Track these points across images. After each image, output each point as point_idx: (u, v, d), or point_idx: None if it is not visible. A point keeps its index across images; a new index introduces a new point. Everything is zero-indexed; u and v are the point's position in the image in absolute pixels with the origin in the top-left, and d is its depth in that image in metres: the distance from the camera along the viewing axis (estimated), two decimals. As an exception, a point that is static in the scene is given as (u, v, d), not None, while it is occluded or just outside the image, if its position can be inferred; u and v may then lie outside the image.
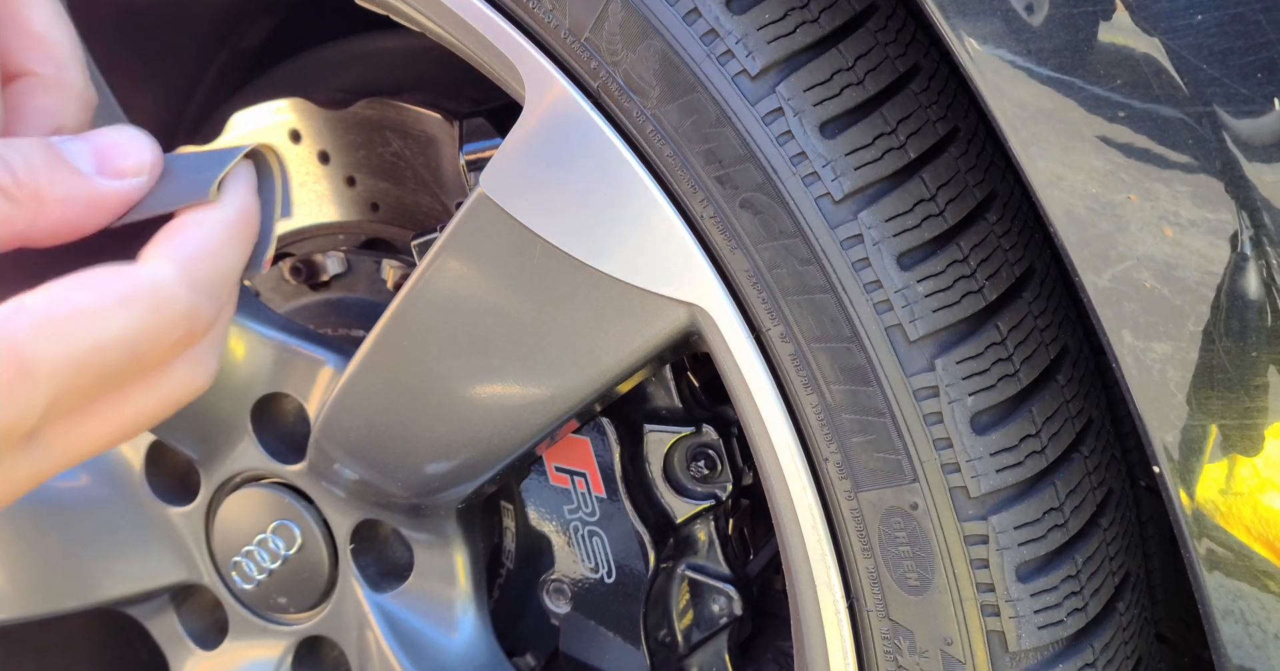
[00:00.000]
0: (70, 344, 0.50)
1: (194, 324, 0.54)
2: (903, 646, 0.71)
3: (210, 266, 0.56)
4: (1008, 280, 0.69)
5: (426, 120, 1.02)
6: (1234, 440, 0.60)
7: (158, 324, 0.52)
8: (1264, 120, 0.55)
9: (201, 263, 0.56)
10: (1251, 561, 0.62)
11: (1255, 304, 0.58)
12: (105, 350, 0.51)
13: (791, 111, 0.65)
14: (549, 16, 0.69)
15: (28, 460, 0.54)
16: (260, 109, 1.07)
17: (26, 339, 0.49)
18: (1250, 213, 0.56)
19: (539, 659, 1.01)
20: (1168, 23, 0.55)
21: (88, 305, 0.51)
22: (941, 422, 0.66)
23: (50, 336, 0.50)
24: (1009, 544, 0.67)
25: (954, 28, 0.59)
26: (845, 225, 0.65)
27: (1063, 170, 0.59)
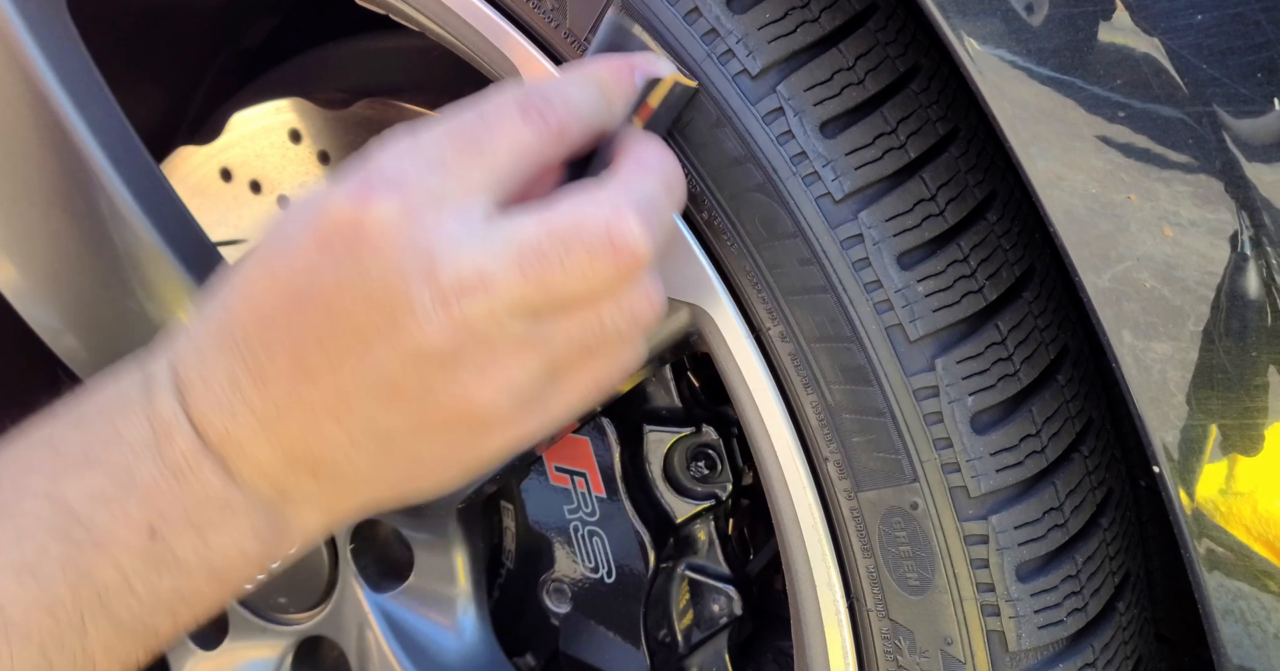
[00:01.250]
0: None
1: (641, 256, 0.56)
2: (903, 646, 0.71)
3: (648, 186, 0.59)
4: (1008, 280, 0.69)
5: (426, 120, 1.02)
6: (1234, 440, 0.60)
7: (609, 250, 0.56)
8: (1264, 120, 0.55)
9: (646, 184, 0.58)
10: (1251, 561, 0.62)
11: (1255, 304, 0.58)
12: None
13: (792, 111, 0.65)
14: (549, 17, 0.69)
15: (540, 409, 0.58)
16: (260, 109, 1.07)
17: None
18: (1250, 213, 0.56)
19: (539, 659, 1.01)
20: (1168, 23, 0.55)
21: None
22: (941, 422, 0.66)
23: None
24: (1009, 544, 0.67)
25: (954, 28, 0.59)
26: (845, 225, 0.65)
27: (1063, 170, 0.59)
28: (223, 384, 0.57)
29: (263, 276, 0.57)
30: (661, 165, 0.60)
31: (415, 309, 0.54)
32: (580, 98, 0.60)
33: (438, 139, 0.57)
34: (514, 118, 0.57)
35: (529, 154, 0.58)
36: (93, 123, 0.82)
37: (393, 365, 0.55)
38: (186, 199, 0.89)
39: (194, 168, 1.09)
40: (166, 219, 0.85)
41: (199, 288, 0.86)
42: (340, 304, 0.55)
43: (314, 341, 0.55)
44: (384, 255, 0.54)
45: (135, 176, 0.84)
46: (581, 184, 0.58)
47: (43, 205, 0.85)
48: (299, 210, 0.57)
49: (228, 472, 0.58)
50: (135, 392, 0.58)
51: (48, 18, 0.82)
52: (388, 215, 0.54)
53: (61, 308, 0.88)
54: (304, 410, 0.56)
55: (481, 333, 0.55)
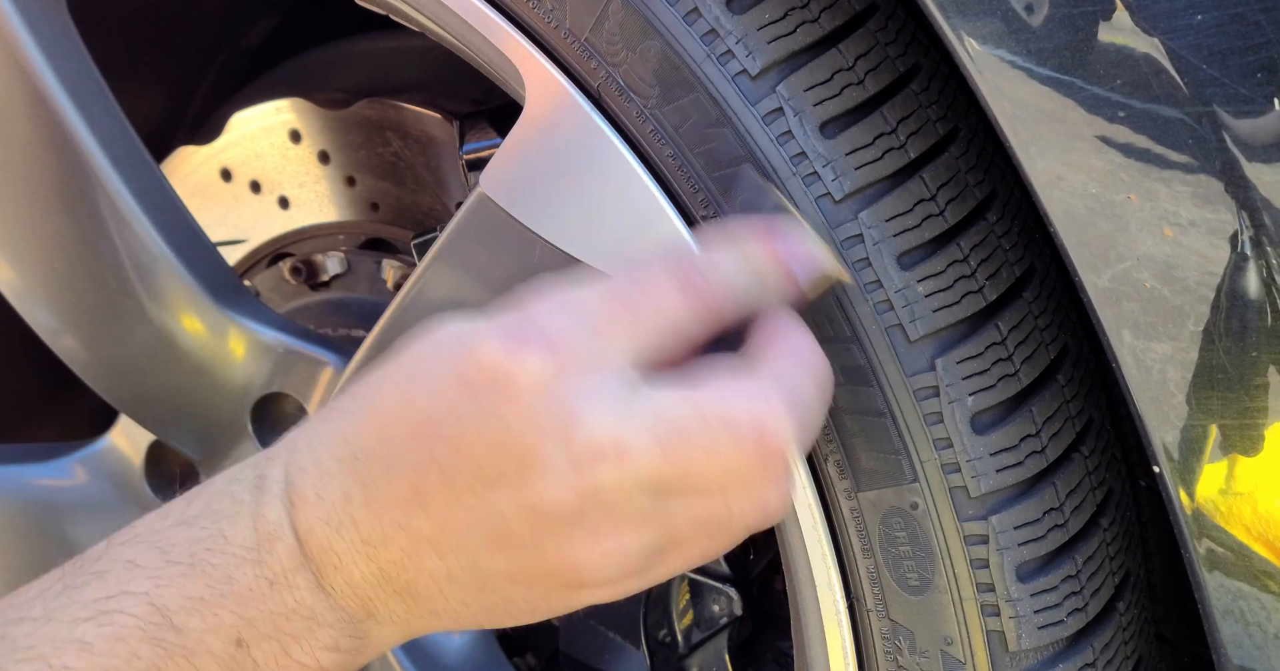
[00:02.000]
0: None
1: (785, 453, 0.57)
2: (903, 646, 0.71)
3: (802, 383, 0.60)
4: (1008, 280, 0.69)
5: (426, 120, 1.02)
6: (1234, 440, 0.60)
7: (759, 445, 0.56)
8: (1264, 120, 0.55)
9: (799, 378, 0.59)
10: (1251, 561, 0.62)
11: (1255, 304, 0.58)
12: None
13: (792, 111, 0.65)
14: (549, 16, 0.69)
15: (642, 577, 0.59)
16: (260, 109, 1.07)
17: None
18: (1250, 213, 0.56)
19: (539, 659, 1.01)
20: (1168, 23, 0.55)
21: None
22: (941, 422, 0.66)
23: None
24: (1009, 544, 0.67)
25: (954, 28, 0.59)
26: (845, 225, 0.65)
27: (1063, 170, 0.59)
28: (334, 498, 0.57)
29: (396, 400, 0.57)
30: (814, 360, 0.61)
31: (546, 466, 0.55)
32: (734, 273, 0.60)
33: (595, 300, 0.57)
34: (672, 292, 0.58)
35: (681, 329, 0.58)
36: (93, 123, 0.82)
37: (509, 513, 0.56)
38: (186, 199, 0.89)
39: (194, 168, 1.09)
40: (166, 219, 0.85)
41: (200, 289, 0.86)
42: (472, 446, 0.55)
43: (436, 475, 0.56)
44: (526, 409, 0.55)
45: (135, 176, 0.84)
46: (729, 364, 0.59)
47: (43, 205, 0.85)
48: (447, 343, 0.57)
49: (320, 586, 0.58)
50: (247, 495, 0.59)
51: (48, 18, 0.82)
52: (537, 371, 0.55)
53: (61, 308, 0.88)
54: (410, 538, 0.57)
55: (606, 500, 0.55)
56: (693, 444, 0.55)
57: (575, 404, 0.55)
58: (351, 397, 0.60)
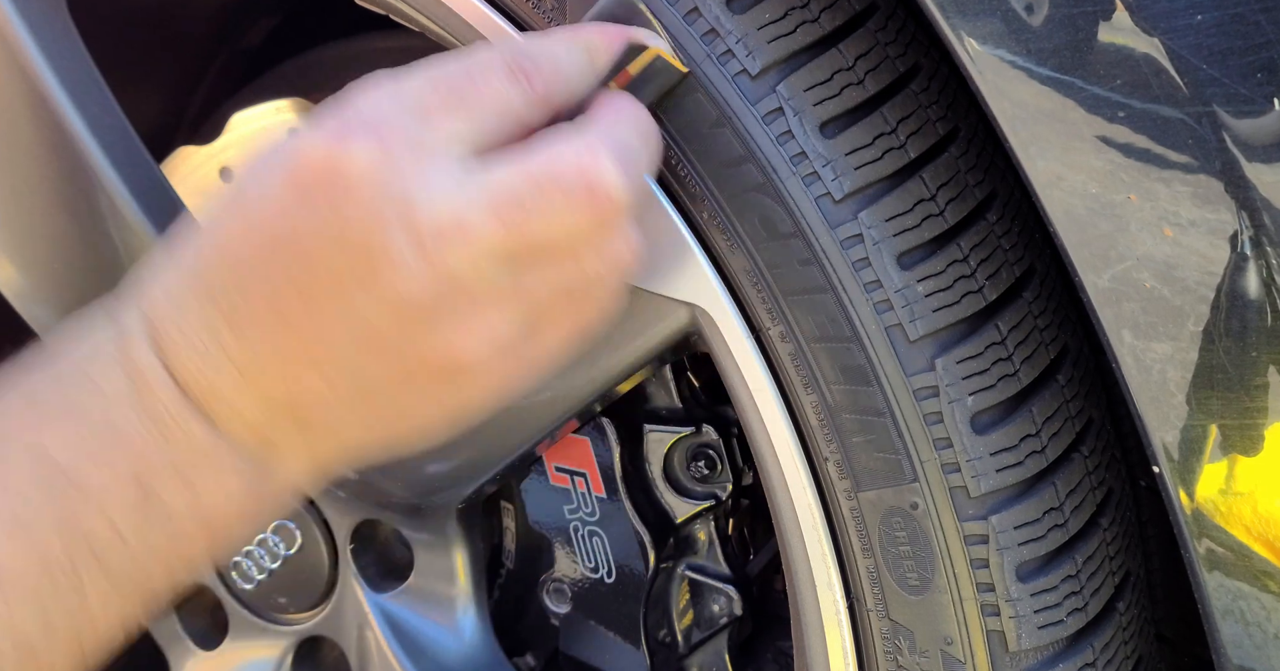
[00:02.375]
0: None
1: (618, 201, 0.56)
2: (903, 646, 0.71)
3: (625, 132, 0.59)
4: (1008, 280, 0.69)
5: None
6: (1234, 440, 0.60)
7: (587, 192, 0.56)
8: (1264, 120, 0.55)
9: (621, 130, 0.59)
10: (1251, 561, 0.62)
11: (1255, 304, 0.58)
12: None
13: (791, 111, 0.65)
14: (549, 17, 0.69)
15: (520, 356, 0.58)
16: (260, 109, 1.07)
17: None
18: (1250, 213, 0.56)
19: (539, 659, 1.01)
20: (1168, 23, 0.55)
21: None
22: (941, 422, 0.66)
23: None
24: (1009, 543, 0.67)
25: (954, 28, 0.59)
26: (845, 225, 0.65)
27: (1063, 170, 0.59)
28: (200, 334, 0.56)
29: (236, 222, 0.56)
30: (635, 115, 0.60)
31: (393, 256, 0.54)
32: (568, 63, 0.59)
33: (421, 87, 0.56)
34: (500, 76, 0.57)
35: (511, 113, 0.57)
36: (93, 123, 0.82)
37: (371, 313, 0.55)
38: (186, 199, 0.89)
39: (194, 168, 1.09)
40: (166, 219, 0.85)
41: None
42: (317, 250, 0.54)
43: (291, 289, 0.55)
44: (361, 200, 0.53)
45: (135, 176, 0.84)
46: (556, 129, 0.58)
47: (43, 205, 0.85)
48: (274, 154, 0.56)
49: (211, 423, 0.57)
50: (109, 344, 0.57)
51: (48, 18, 0.82)
52: (366, 159, 0.54)
53: (61, 308, 0.88)
54: (283, 358, 0.56)
55: (460, 280, 0.54)
56: (528, 209, 0.55)
57: (409, 188, 0.54)
58: (193, 228, 0.58)
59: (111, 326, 0.58)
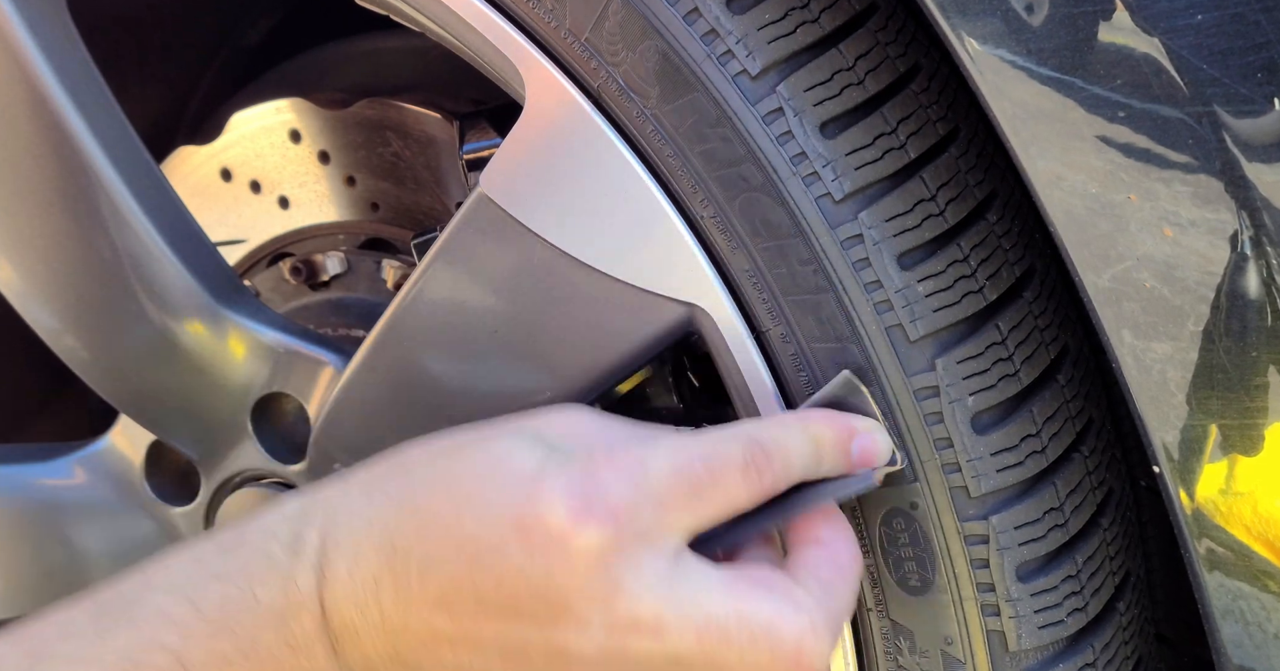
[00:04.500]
0: None
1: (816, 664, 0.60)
2: (903, 646, 0.71)
3: (844, 599, 0.62)
4: (1008, 280, 0.69)
5: (426, 120, 1.02)
6: (1234, 440, 0.60)
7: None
8: (1264, 120, 0.55)
9: (842, 598, 0.62)
10: (1251, 561, 0.62)
11: (1255, 304, 0.58)
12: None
13: (792, 111, 0.65)
14: (549, 16, 0.69)
15: None
16: (260, 109, 1.07)
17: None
18: (1250, 213, 0.56)
19: (539, 659, 1.01)
20: (1168, 23, 0.55)
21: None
22: (942, 422, 0.66)
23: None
24: (1009, 544, 0.67)
25: (954, 28, 0.59)
26: (845, 225, 0.65)
27: (1063, 170, 0.59)
28: (365, 581, 0.59)
29: (445, 512, 0.59)
30: (855, 570, 0.63)
31: (580, 622, 0.58)
32: (797, 457, 0.63)
33: (664, 474, 0.59)
34: (736, 474, 0.60)
35: (735, 508, 0.61)
36: (93, 123, 0.82)
37: (532, 643, 0.58)
38: (186, 199, 0.89)
39: (194, 168, 1.09)
40: (166, 219, 0.85)
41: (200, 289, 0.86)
42: (513, 585, 0.58)
43: (470, 593, 0.58)
44: (576, 572, 0.57)
45: (135, 176, 0.84)
46: (775, 569, 0.61)
47: (43, 205, 0.85)
48: (511, 479, 0.59)
49: (335, 655, 0.61)
50: (282, 556, 0.61)
51: (48, 18, 0.82)
52: (596, 541, 0.57)
53: (61, 307, 0.88)
54: (430, 633, 0.59)
55: (629, 665, 0.58)
56: (730, 646, 0.58)
57: (624, 575, 0.57)
58: (397, 482, 0.62)
59: (291, 543, 0.61)
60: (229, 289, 0.88)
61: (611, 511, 0.58)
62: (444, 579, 0.59)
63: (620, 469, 0.59)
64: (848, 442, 0.64)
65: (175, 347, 0.88)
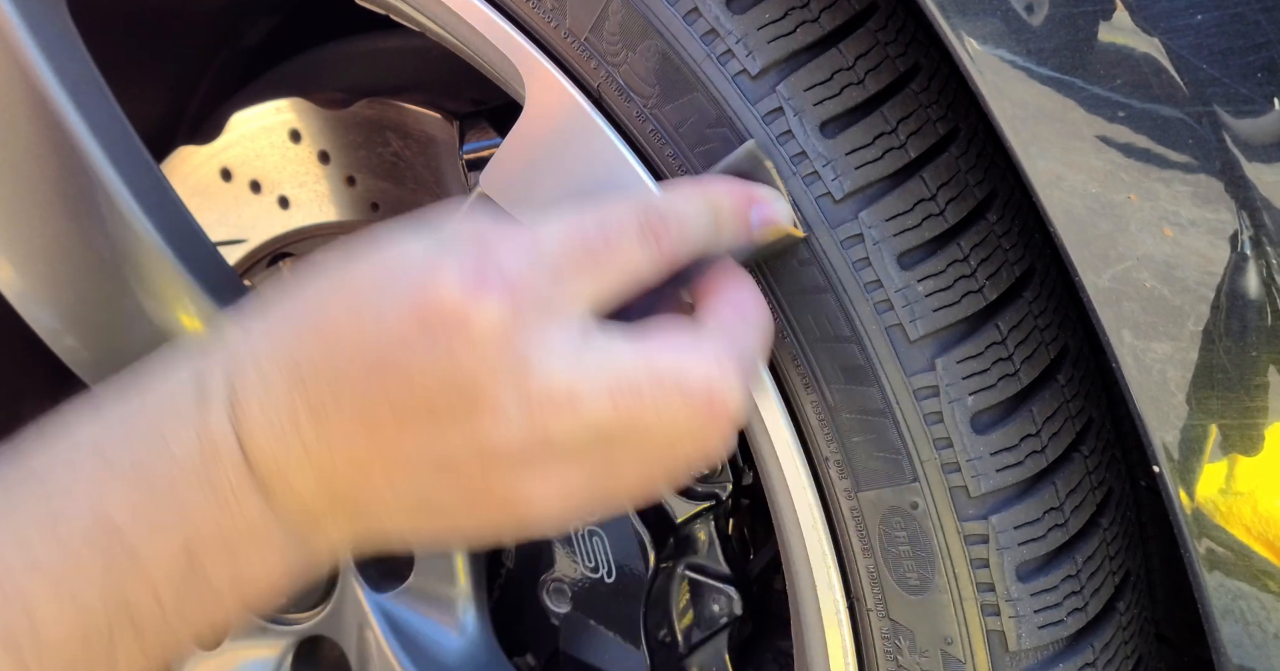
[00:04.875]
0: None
1: (735, 414, 0.59)
2: (903, 646, 0.71)
3: (749, 339, 0.61)
4: (1008, 280, 0.69)
5: (426, 120, 1.02)
6: (1234, 440, 0.60)
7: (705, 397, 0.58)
8: (1264, 120, 0.55)
9: (748, 339, 0.61)
10: (1251, 561, 0.62)
11: (1255, 304, 0.58)
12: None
13: (792, 111, 0.65)
14: (549, 16, 0.69)
15: (583, 509, 0.60)
16: (260, 109, 1.07)
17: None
18: (1250, 213, 0.56)
19: (539, 659, 1.01)
20: (1168, 23, 0.55)
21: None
22: (941, 422, 0.66)
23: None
24: (1009, 543, 0.67)
25: (954, 28, 0.59)
26: (845, 225, 0.65)
27: (1063, 170, 0.59)
28: (281, 415, 0.57)
29: (346, 323, 0.57)
30: (761, 318, 0.62)
31: (498, 409, 0.55)
32: (695, 223, 0.61)
33: (559, 246, 0.57)
34: (632, 238, 0.59)
35: (637, 275, 0.59)
36: (93, 123, 0.82)
37: (458, 450, 0.56)
38: (186, 199, 0.89)
39: (194, 168, 1.09)
40: (166, 219, 0.85)
41: (200, 289, 0.86)
42: (423, 382, 0.55)
43: (386, 406, 0.56)
44: (481, 352, 0.55)
45: (135, 176, 0.84)
46: (681, 324, 0.60)
47: (43, 205, 0.85)
48: (402, 270, 0.56)
49: (268, 502, 0.58)
50: (187, 401, 0.58)
51: (48, 18, 0.82)
52: (496, 316, 0.55)
53: (61, 307, 0.88)
54: (357, 460, 0.57)
55: (553, 442, 0.56)
56: (644, 399, 0.56)
57: (531, 351, 0.55)
58: (293, 307, 0.58)
59: (191, 382, 0.58)
60: (229, 289, 0.88)
61: (507, 283, 0.55)
62: (356, 392, 0.55)
63: (510, 241, 0.57)
64: (746, 210, 0.63)
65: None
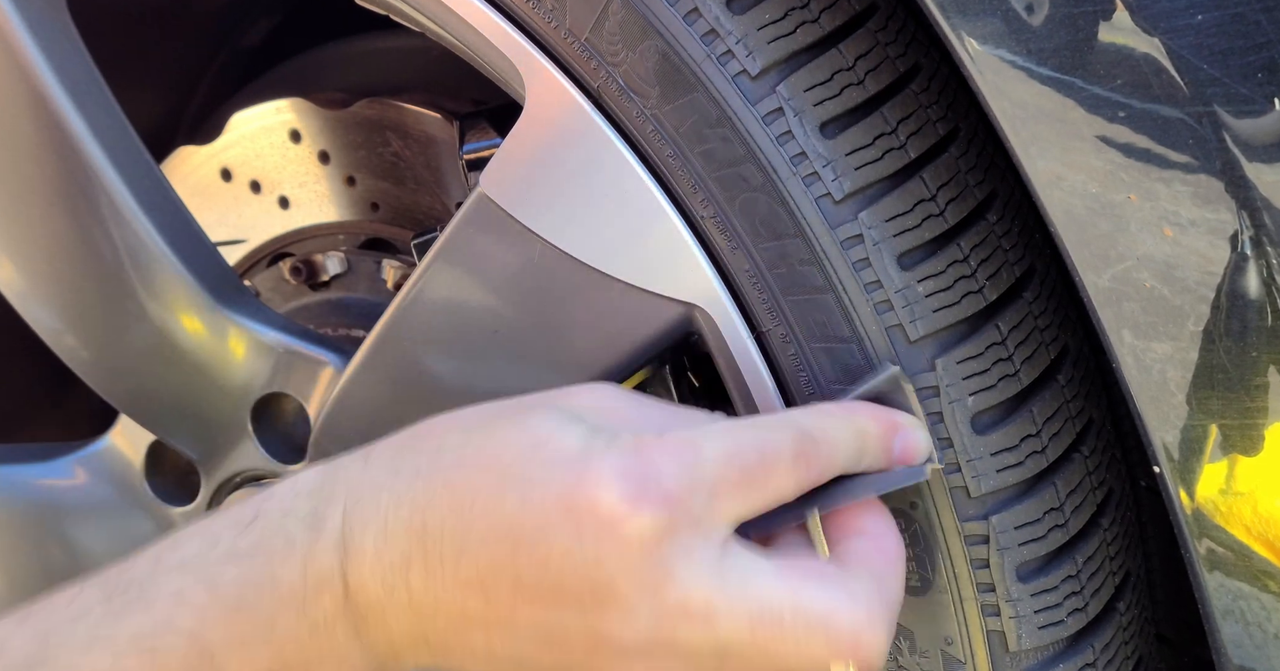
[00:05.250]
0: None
1: (874, 666, 0.58)
2: (903, 646, 0.71)
3: (895, 590, 0.61)
4: (1008, 280, 0.69)
5: (426, 120, 1.02)
6: (1234, 440, 0.60)
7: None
8: (1264, 120, 0.55)
9: (893, 586, 0.61)
10: (1251, 561, 0.62)
11: (1255, 304, 0.58)
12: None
13: (792, 111, 0.65)
14: (549, 16, 0.69)
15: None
16: (260, 109, 1.07)
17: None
18: (1250, 213, 0.56)
19: None
20: (1168, 23, 0.55)
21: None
22: (942, 422, 0.66)
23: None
24: (1009, 544, 0.67)
25: (954, 28, 0.59)
26: (845, 225, 0.65)
27: (1063, 170, 0.59)
28: (394, 560, 0.57)
29: (484, 491, 0.57)
30: (903, 562, 0.62)
31: (627, 609, 0.55)
32: (842, 449, 0.61)
33: (719, 463, 0.57)
34: (787, 464, 0.59)
35: (781, 498, 0.60)
36: (93, 123, 0.82)
37: (573, 630, 0.56)
38: (186, 199, 0.89)
39: (194, 168, 1.09)
40: (166, 219, 0.85)
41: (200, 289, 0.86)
42: (558, 568, 0.55)
43: (510, 577, 0.56)
44: (626, 558, 0.55)
45: (135, 176, 0.84)
46: (827, 566, 0.60)
47: (43, 205, 0.85)
48: (558, 460, 0.56)
49: (358, 636, 0.58)
50: (300, 534, 0.59)
51: (48, 18, 0.82)
52: (648, 526, 0.55)
53: (61, 308, 0.88)
54: (461, 617, 0.57)
55: (676, 652, 0.56)
56: (785, 635, 0.56)
57: (675, 562, 0.55)
58: (427, 459, 0.59)
59: (311, 520, 0.59)
60: (229, 289, 0.88)
61: (665, 496, 0.55)
62: (481, 560, 0.56)
63: (672, 453, 0.57)
64: (891, 438, 0.63)
65: (175, 347, 0.88)
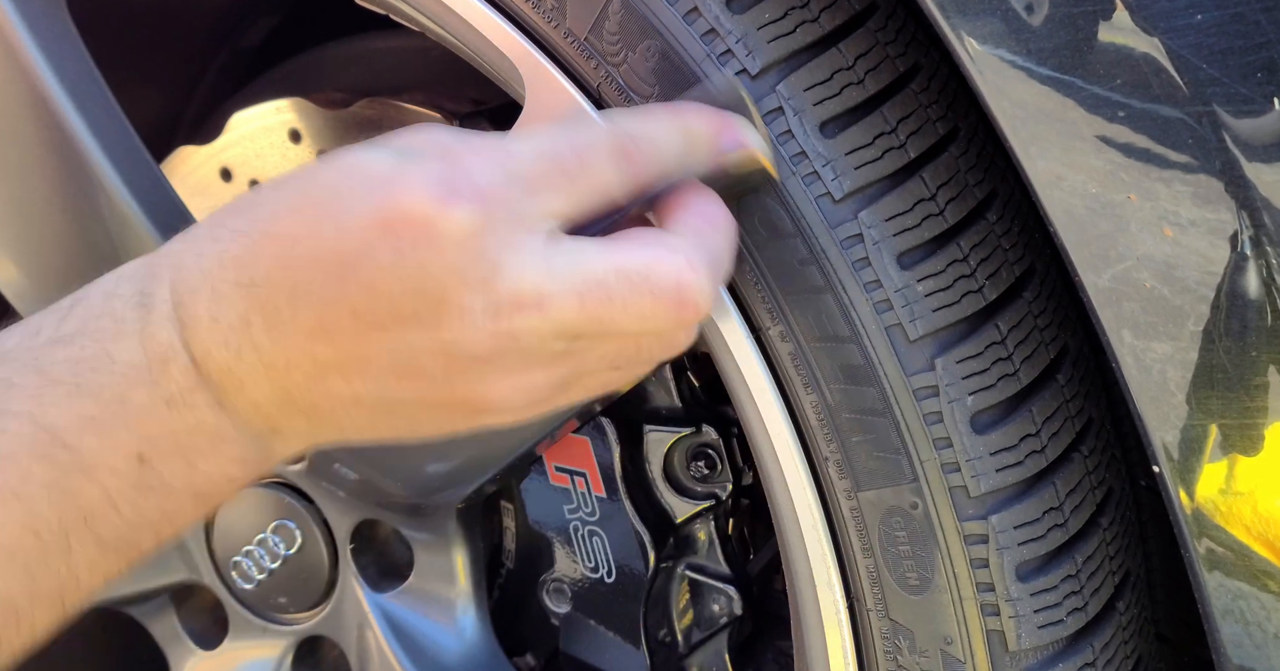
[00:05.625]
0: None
1: (703, 313, 0.58)
2: (903, 646, 0.71)
3: (717, 243, 0.61)
4: (1008, 280, 0.69)
5: (426, 120, 1.02)
6: (1234, 440, 0.60)
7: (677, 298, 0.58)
8: (1264, 120, 0.55)
9: (715, 242, 0.61)
10: (1251, 561, 0.62)
11: (1255, 304, 0.58)
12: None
13: (791, 111, 0.65)
14: (549, 16, 0.69)
15: (546, 406, 0.60)
16: (260, 109, 1.07)
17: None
18: (1250, 213, 0.56)
19: (539, 659, 1.01)
20: (1168, 23, 0.55)
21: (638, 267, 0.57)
22: (941, 422, 0.66)
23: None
24: (1009, 543, 0.67)
25: (954, 27, 0.59)
26: (845, 225, 0.65)
27: (1063, 170, 0.59)
28: (232, 323, 0.56)
29: (304, 231, 0.56)
30: (728, 224, 0.62)
31: (464, 312, 0.55)
32: (668, 149, 0.61)
33: (530, 158, 0.57)
34: (604, 157, 0.58)
35: (607, 195, 0.59)
36: (93, 123, 0.82)
37: (422, 351, 0.56)
38: (186, 199, 0.89)
39: (194, 168, 1.09)
40: (166, 218, 0.85)
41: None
42: (387, 287, 0.55)
43: (346, 310, 0.55)
44: (449, 258, 0.54)
45: (135, 176, 0.84)
46: (652, 233, 0.59)
47: (43, 205, 0.85)
48: (365, 178, 0.56)
49: (221, 405, 0.58)
50: (130, 313, 0.57)
51: (48, 18, 0.82)
52: (465, 224, 0.54)
53: (61, 307, 0.88)
54: (315, 365, 0.57)
55: (521, 344, 0.56)
56: (613, 298, 0.56)
57: (500, 255, 0.55)
58: (243, 217, 0.58)
59: (138, 298, 0.58)
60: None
61: (477, 191, 0.55)
62: (316, 302, 0.55)
63: (481, 153, 0.56)
64: (718, 135, 0.62)
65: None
